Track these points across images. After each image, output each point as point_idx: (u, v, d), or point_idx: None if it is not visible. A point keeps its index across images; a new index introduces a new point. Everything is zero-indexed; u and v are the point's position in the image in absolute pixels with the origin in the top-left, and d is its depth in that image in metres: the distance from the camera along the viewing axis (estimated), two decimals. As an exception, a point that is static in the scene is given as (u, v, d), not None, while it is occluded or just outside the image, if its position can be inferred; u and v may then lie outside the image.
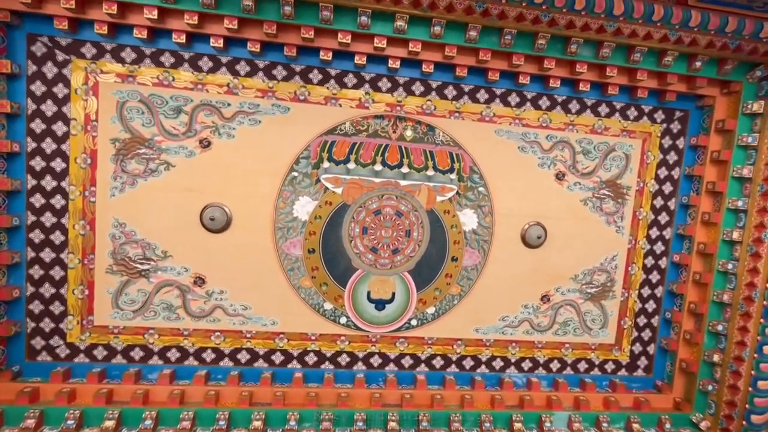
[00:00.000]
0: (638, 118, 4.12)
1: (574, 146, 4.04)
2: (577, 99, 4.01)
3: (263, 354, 3.85)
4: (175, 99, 3.54)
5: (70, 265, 3.52)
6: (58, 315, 3.54)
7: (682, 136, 4.17)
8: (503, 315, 4.12)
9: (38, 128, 3.39)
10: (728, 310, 3.95)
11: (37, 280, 3.50)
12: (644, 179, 4.16)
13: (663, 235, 4.24)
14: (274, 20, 3.30)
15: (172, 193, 3.57)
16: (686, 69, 3.82)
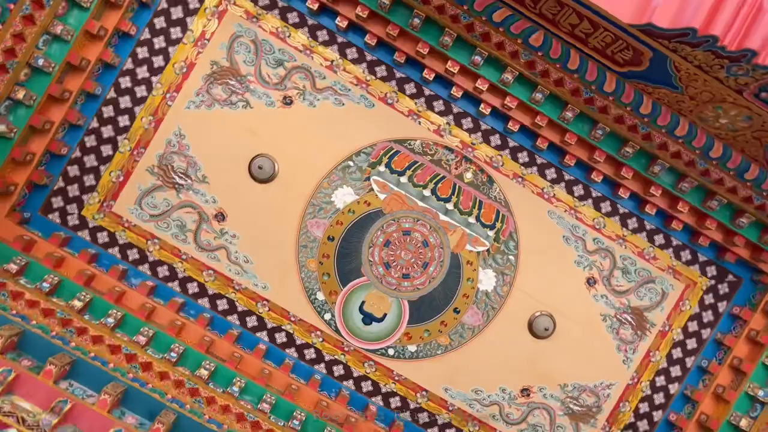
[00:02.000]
0: (690, 263, 3.92)
1: (617, 260, 3.87)
2: (638, 217, 3.88)
3: (240, 311, 3.74)
4: (282, 52, 3.67)
5: (120, 149, 3.60)
6: (87, 187, 3.60)
7: (726, 301, 3.93)
8: (478, 388, 3.86)
9: (159, 24, 3.58)
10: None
11: (86, 148, 3.58)
12: (672, 324, 3.90)
13: (668, 388, 3.91)
14: (399, 24, 3.41)
15: (237, 129, 3.64)
16: (757, 238, 3.64)
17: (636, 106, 3.26)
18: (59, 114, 3.34)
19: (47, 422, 2.46)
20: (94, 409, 2.64)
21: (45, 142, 3.31)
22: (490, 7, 3.15)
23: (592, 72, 3.19)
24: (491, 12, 3.17)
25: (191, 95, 3.63)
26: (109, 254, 3.65)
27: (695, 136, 3.26)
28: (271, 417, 3.37)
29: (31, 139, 3.31)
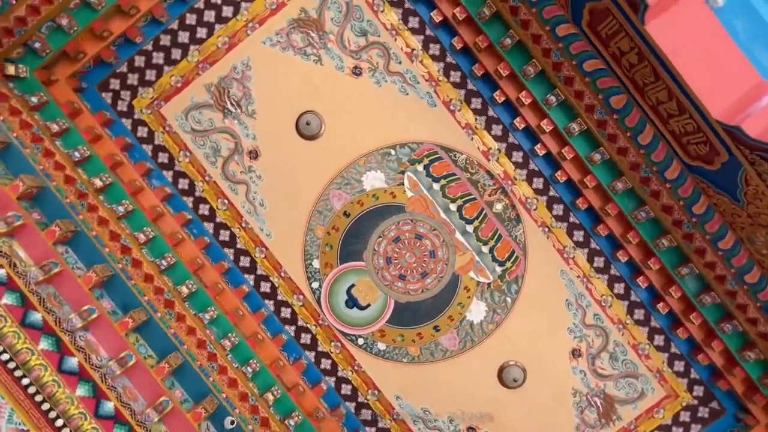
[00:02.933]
0: (680, 375, 3.77)
1: (609, 343, 3.74)
2: (647, 311, 3.74)
3: (238, 248, 3.78)
4: (369, 24, 3.65)
5: (188, 58, 3.65)
6: (146, 81, 3.67)
7: (701, 425, 3.76)
8: (428, 408, 3.81)
9: None
10: None
11: (159, 46, 3.65)
12: (638, 425, 3.76)
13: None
14: (490, 39, 3.35)
15: (301, 80, 3.65)
16: (758, 377, 3.46)
17: (690, 203, 3.12)
18: (146, 5, 3.41)
19: (34, 276, 2.54)
20: (78, 282, 2.71)
21: (125, 25, 3.39)
22: (584, 54, 3.05)
23: (660, 153, 3.06)
24: (584, 59, 3.07)
25: (271, 33, 3.65)
26: (142, 149, 3.72)
27: (737, 253, 3.11)
28: (228, 355, 3.40)
29: (114, 18, 3.39)
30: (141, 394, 2.71)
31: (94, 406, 2.48)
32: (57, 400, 2.35)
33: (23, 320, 2.47)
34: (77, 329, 2.62)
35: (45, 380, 2.36)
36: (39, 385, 2.32)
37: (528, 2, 3.07)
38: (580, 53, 3.05)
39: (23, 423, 2.20)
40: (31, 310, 2.50)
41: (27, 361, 2.36)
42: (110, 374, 2.60)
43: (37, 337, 2.45)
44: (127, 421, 2.54)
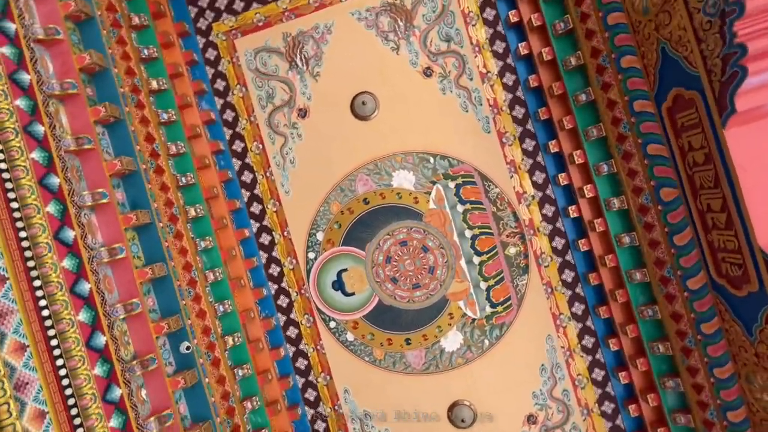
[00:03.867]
0: None
1: (568, 424, 3.62)
2: (618, 406, 3.60)
3: (254, 193, 3.82)
4: (456, 32, 3.65)
5: (279, 2, 3.71)
6: (232, 9, 3.75)
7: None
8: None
9: None
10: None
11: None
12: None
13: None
14: (567, 89, 3.28)
15: (373, 62, 3.67)
16: None
17: (702, 319, 2.98)
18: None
19: (67, 144, 2.60)
20: (103, 165, 2.75)
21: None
22: (652, 137, 2.96)
23: (690, 259, 2.94)
24: (650, 141, 2.97)
25: (362, 7, 3.67)
26: (204, 70, 3.80)
27: (730, 387, 2.95)
28: (207, 288, 3.43)
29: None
30: (117, 288, 2.76)
31: (72, 281, 2.53)
32: (42, 263, 2.42)
33: (41, 180, 2.55)
34: (85, 206, 2.69)
35: (39, 240, 2.43)
36: (33, 242, 2.39)
37: (617, 66, 2.99)
38: (649, 134, 2.95)
39: (5, 269, 2.26)
40: (52, 173, 2.58)
41: (31, 216, 2.44)
42: (97, 259, 2.66)
43: (48, 199, 2.53)
44: (96, 307, 2.59)
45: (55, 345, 2.39)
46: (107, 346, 2.57)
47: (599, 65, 3.10)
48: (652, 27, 2.69)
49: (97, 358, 2.54)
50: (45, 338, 2.35)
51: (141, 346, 2.79)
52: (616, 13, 2.88)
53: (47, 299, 2.40)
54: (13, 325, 2.22)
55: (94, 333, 2.55)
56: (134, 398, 2.63)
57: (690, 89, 2.53)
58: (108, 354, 2.58)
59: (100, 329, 2.57)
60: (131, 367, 2.65)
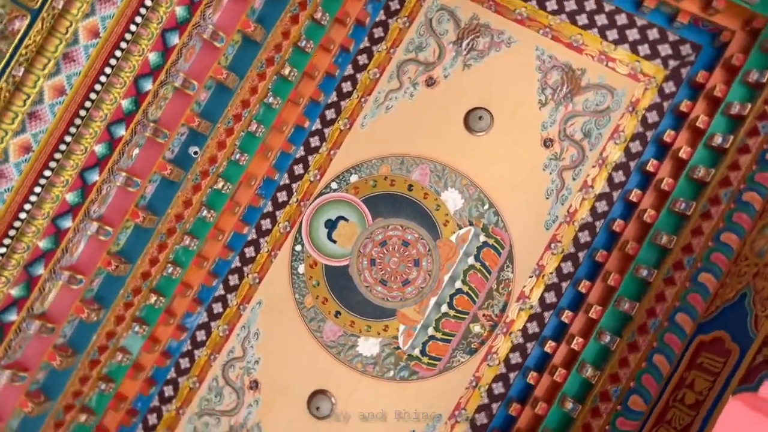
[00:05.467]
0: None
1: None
2: None
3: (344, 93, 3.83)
4: (597, 135, 3.58)
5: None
6: None
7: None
8: (257, 332, 3.75)
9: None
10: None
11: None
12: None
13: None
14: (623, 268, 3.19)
15: (515, 92, 3.65)
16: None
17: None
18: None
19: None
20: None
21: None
22: (667, 350, 2.85)
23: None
24: (662, 354, 2.87)
25: (548, 51, 3.66)
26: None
27: None
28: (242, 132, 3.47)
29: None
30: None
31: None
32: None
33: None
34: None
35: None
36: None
37: (693, 277, 2.90)
38: (667, 347, 2.85)
39: None
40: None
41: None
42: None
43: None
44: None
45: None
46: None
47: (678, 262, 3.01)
48: (752, 273, 2.59)
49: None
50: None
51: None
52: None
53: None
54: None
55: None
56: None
57: (735, 342, 2.43)
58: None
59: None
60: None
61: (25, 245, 2.37)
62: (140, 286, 3.30)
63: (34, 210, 2.33)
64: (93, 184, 2.58)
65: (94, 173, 2.56)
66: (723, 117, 3.24)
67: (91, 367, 3.28)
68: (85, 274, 2.84)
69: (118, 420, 3.67)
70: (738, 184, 3.00)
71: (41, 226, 2.39)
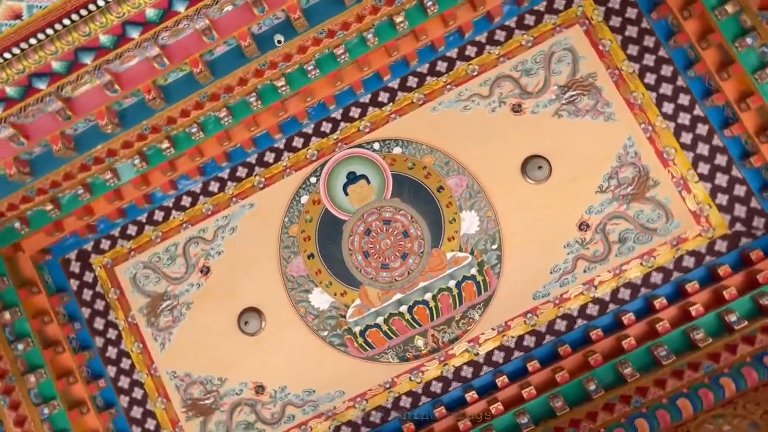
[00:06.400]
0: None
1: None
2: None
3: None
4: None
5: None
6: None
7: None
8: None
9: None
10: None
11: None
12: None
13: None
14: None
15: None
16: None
17: None
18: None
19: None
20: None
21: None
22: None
23: None
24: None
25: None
26: None
27: None
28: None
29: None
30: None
31: None
32: None
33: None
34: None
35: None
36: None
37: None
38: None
39: None
40: None
41: None
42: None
43: None
44: None
45: None
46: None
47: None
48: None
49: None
50: None
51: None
52: None
53: None
54: None
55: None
56: None
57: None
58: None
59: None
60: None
61: (88, 31, 2.36)
62: (161, 127, 3.32)
63: (113, 4, 2.32)
64: (175, 13, 2.56)
65: (182, 4, 2.53)
66: (751, 300, 3.17)
67: (80, 170, 3.34)
68: (123, 87, 2.84)
69: (75, 227, 3.77)
70: (724, 366, 2.97)
71: (111, 22, 2.38)
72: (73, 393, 3.65)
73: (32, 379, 3.46)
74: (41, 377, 3.50)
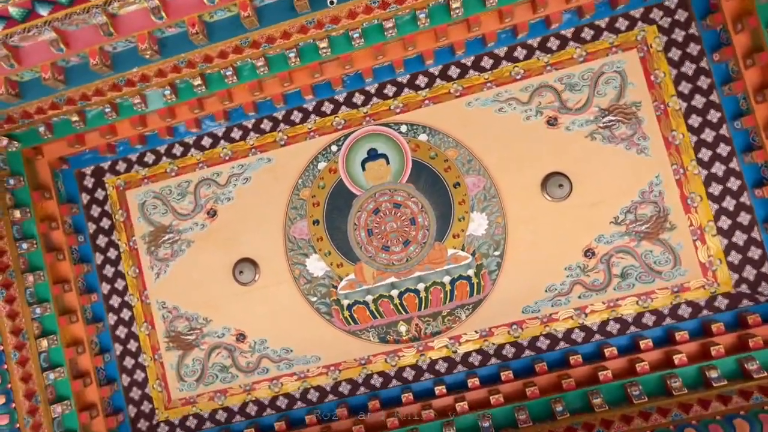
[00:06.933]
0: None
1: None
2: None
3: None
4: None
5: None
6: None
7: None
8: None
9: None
10: None
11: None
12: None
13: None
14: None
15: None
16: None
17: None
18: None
19: None
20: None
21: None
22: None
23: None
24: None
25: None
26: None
27: None
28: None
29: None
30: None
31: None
32: None
33: None
34: None
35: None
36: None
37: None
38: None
39: None
40: None
41: None
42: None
43: None
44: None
45: None
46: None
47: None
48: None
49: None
50: None
51: None
52: None
53: None
54: None
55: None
56: None
57: None
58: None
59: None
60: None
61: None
62: (197, 63, 3.30)
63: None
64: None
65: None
66: (736, 362, 3.17)
67: (111, 88, 3.36)
68: (169, 16, 2.82)
69: (96, 143, 3.83)
70: (692, 418, 2.99)
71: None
72: (66, 301, 3.79)
73: (30, 278, 3.60)
74: (39, 279, 3.64)
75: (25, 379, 3.43)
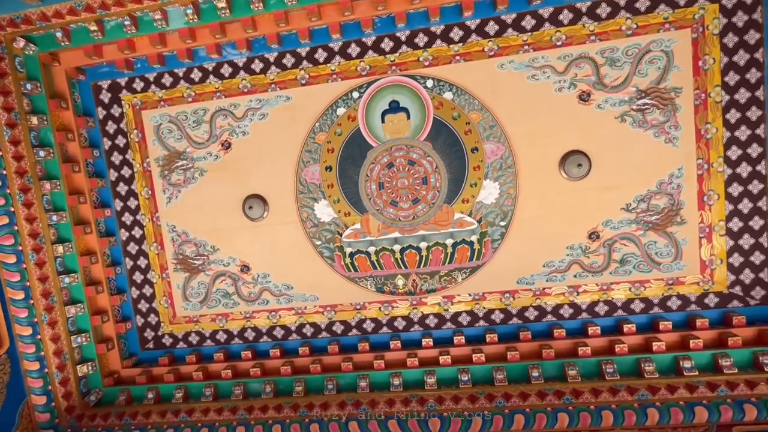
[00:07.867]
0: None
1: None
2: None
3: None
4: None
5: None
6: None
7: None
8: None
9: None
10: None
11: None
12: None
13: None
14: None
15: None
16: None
17: None
18: None
19: None
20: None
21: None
22: None
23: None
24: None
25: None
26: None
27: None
28: None
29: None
30: None
31: None
32: None
33: None
34: None
35: None
36: None
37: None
38: None
39: None
40: None
41: None
42: None
43: None
44: None
45: None
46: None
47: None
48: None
49: None
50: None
51: None
52: None
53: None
54: None
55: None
56: None
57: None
58: None
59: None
60: None
61: None
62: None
63: None
64: None
65: None
66: (711, 356, 3.31)
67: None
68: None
69: (114, 57, 3.72)
70: (658, 400, 3.19)
71: None
72: (81, 212, 3.92)
73: (47, 186, 3.69)
74: (55, 187, 3.73)
75: (42, 280, 3.65)
